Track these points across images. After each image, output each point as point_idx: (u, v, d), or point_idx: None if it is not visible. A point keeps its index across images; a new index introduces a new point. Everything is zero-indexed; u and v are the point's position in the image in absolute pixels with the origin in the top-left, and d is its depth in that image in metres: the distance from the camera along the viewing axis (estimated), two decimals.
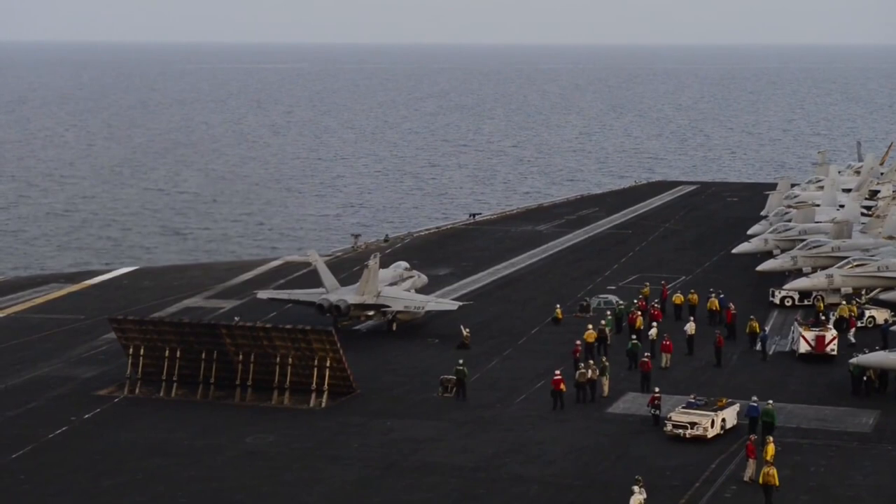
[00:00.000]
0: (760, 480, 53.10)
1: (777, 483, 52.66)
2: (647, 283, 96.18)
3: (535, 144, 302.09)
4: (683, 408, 63.29)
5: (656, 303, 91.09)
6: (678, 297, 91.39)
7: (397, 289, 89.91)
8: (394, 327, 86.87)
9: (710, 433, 61.66)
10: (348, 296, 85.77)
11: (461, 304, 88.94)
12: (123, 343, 73.82)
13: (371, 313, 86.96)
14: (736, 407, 63.80)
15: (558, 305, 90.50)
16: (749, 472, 55.65)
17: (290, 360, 70.27)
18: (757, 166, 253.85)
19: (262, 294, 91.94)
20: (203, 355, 71.69)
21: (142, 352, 72.85)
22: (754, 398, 63.98)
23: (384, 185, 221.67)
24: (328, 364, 69.66)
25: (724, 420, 62.71)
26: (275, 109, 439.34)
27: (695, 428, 61.59)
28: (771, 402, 63.51)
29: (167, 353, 72.29)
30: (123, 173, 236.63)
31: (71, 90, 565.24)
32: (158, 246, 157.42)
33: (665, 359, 75.23)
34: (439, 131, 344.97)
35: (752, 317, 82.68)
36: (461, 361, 71.50)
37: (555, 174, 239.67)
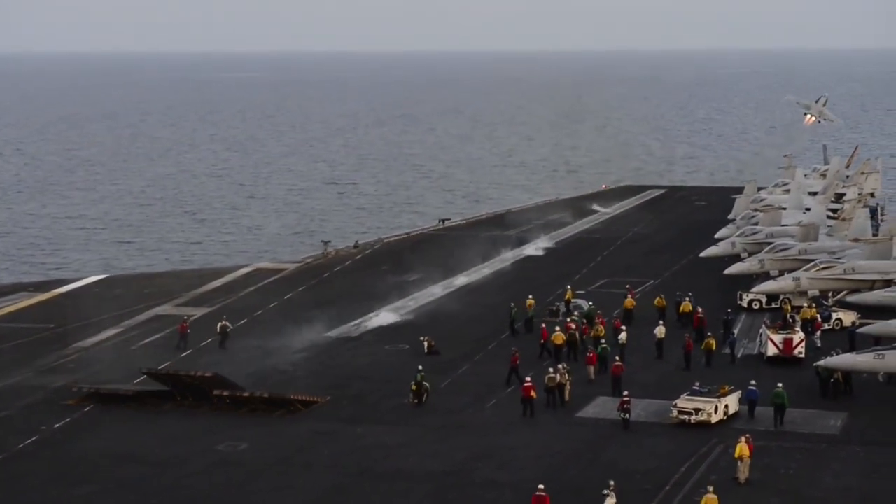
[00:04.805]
0: None
1: None
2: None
3: (495, 152, 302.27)
4: (688, 395, 65.72)
5: (616, 314, 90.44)
6: (660, 300, 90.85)
7: None
8: None
9: (714, 419, 64.41)
10: None
11: None
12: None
13: None
14: (738, 393, 66.56)
15: (531, 296, 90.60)
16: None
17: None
18: (723, 170, 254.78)
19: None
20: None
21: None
22: (752, 382, 66.59)
23: (351, 192, 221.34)
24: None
25: (727, 406, 65.57)
26: (236, 117, 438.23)
27: (699, 414, 64.38)
28: (781, 384, 65.41)
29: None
30: (95, 178, 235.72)
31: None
32: (127, 253, 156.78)
33: (591, 371, 74.51)
34: (400, 139, 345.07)
35: (709, 334, 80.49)
36: (420, 367, 72.04)
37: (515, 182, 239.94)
